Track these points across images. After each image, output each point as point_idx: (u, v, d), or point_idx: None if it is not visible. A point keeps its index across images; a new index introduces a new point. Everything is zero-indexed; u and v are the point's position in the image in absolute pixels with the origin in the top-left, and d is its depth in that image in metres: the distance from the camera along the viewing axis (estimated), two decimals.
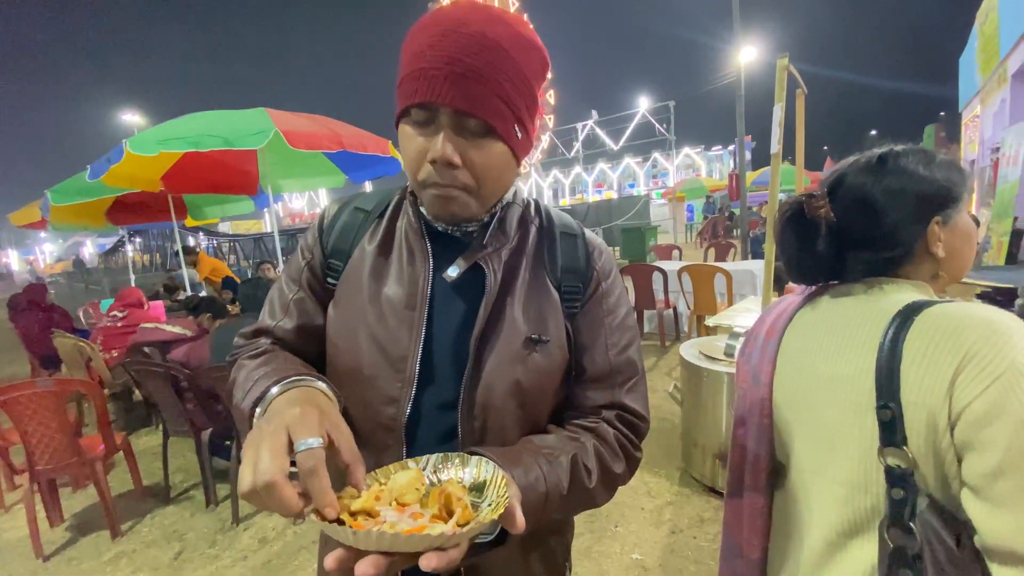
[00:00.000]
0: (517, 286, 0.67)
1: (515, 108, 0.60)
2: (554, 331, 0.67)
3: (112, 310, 4.15)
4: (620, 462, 0.68)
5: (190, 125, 3.32)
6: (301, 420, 0.48)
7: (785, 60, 2.48)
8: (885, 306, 0.65)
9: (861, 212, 0.70)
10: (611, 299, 0.72)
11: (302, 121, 3.52)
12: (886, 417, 0.59)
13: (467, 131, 0.58)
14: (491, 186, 0.62)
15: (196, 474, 3.10)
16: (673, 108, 31.59)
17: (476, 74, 0.56)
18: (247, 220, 27.65)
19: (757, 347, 0.82)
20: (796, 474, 0.74)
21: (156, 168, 4.14)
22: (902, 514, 0.58)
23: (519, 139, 0.63)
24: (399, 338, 0.65)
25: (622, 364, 0.70)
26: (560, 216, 0.76)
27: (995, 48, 7.67)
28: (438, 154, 0.57)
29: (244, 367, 0.66)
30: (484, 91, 0.57)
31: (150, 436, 3.90)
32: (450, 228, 0.68)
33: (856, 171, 0.73)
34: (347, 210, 0.75)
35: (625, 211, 15.78)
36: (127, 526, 2.67)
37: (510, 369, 0.64)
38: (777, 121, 2.49)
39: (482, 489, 0.51)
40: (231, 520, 2.61)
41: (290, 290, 0.74)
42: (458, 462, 0.55)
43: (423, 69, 0.56)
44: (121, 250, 17.08)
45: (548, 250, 0.72)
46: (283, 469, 0.44)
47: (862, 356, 0.63)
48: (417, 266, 0.67)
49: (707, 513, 2.37)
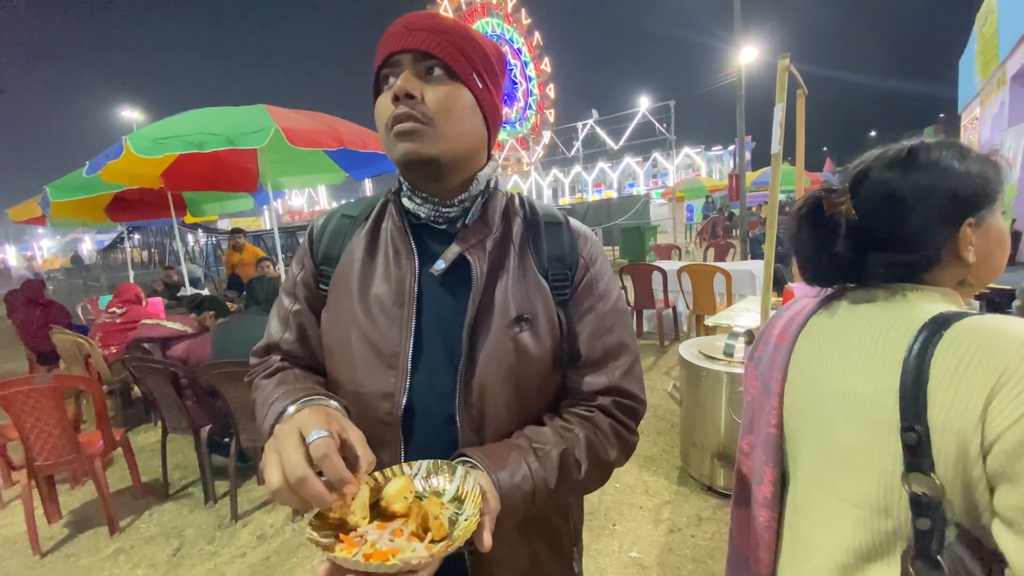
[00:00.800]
0: (504, 275, 0.69)
1: (470, 59, 0.64)
2: (542, 313, 0.69)
3: (110, 306, 4.14)
4: (614, 449, 0.70)
5: (190, 123, 3.31)
6: (310, 418, 0.53)
7: (786, 60, 2.48)
8: (910, 317, 0.59)
9: (886, 211, 0.63)
10: (601, 284, 0.73)
11: (302, 118, 3.51)
12: (911, 440, 0.53)
13: (428, 75, 0.63)
14: (452, 125, 0.63)
15: (195, 471, 3.10)
16: (673, 108, 31.58)
17: (432, 27, 0.63)
18: (246, 217, 27.62)
19: (767, 352, 0.78)
20: (805, 490, 0.70)
21: (155, 165, 4.13)
22: (928, 546, 0.54)
23: (480, 89, 0.66)
24: (389, 335, 0.66)
25: (616, 347, 0.72)
26: (544, 207, 0.78)
27: (994, 50, 7.69)
28: (398, 87, 0.61)
29: (261, 388, 0.71)
30: (439, 38, 0.62)
31: (148, 433, 3.89)
32: (433, 217, 0.69)
33: (882, 165, 0.65)
34: (334, 218, 0.78)
35: (625, 210, 15.78)
36: (125, 522, 2.67)
37: (503, 353, 0.66)
38: (778, 121, 2.49)
39: (463, 501, 0.54)
40: (230, 517, 2.61)
41: (289, 304, 0.78)
42: (447, 471, 0.58)
43: (387, 36, 0.64)
44: (120, 246, 17.04)
45: (533, 239, 0.73)
46: (308, 463, 0.48)
47: (884, 372, 0.57)
48: (403, 264, 0.68)
49: (705, 512, 2.38)
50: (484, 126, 0.68)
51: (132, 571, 2.29)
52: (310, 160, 4.73)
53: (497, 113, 0.70)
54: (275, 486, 0.48)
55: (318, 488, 0.48)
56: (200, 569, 2.26)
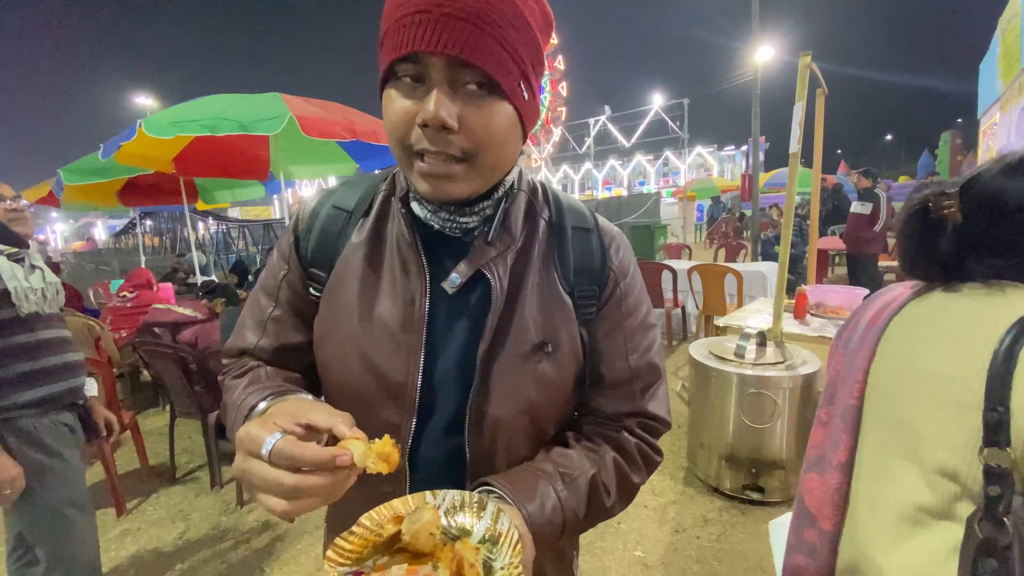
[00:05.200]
0: (525, 294, 0.61)
1: (519, 60, 0.50)
2: (566, 340, 0.62)
3: (122, 290, 4.18)
4: (640, 472, 0.66)
5: (205, 108, 3.32)
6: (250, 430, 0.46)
7: (808, 58, 2.44)
8: (1003, 312, 0.64)
9: (991, 214, 0.68)
10: (630, 299, 0.66)
11: (316, 108, 3.51)
12: (993, 419, 0.60)
13: (464, 87, 0.49)
14: (493, 157, 0.53)
15: (201, 456, 3.13)
16: (687, 106, 31.28)
17: (473, 15, 0.46)
18: (256, 206, 27.74)
19: (858, 333, 0.83)
20: (876, 455, 0.77)
21: (168, 149, 4.15)
22: (996, 509, 0.61)
23: (525, 101, 0.53)
24: (396, 364, 0.59)
25: (643, 369, 0.66)
26: (571, 205, 0.68)
27: (1017, 55, 7.50)
28: (429, 115, 0.47)
29: (231, 389, 0.63)
30: (483, 36, 0.47)
31: (157, 417, 3.93)
32: (447, 227, 0.59)
33: (994, 172, 0.69)
34: (324, 210, 0.66)
35: (635, 209, 15.67)
36: (132, 504, 2.70)
37: (521, 384, 0.59)
38: (797, 120, 2.45)
39: (496, 542, 0.49)
40: (235, 502, 2.63)
41: (267, 305, 0.67)
42: (476, 506, 0.52)
43: (409, 15, 0.47)
44: (132, 232, 17.21)
45: (559, 250, 0.64)
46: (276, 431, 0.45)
47: (974, 358, 0.63)
48: (412, 282, 0.60)
49: (711, 513, 2.36)
50: (522, 136, 0.57)
51: (139, 552, 2.31)
52: (322, 150, 4.74)
53: (536, 115, 0.57)
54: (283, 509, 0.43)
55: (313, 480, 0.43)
56: (206, 551, 2.28)
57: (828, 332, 2.57)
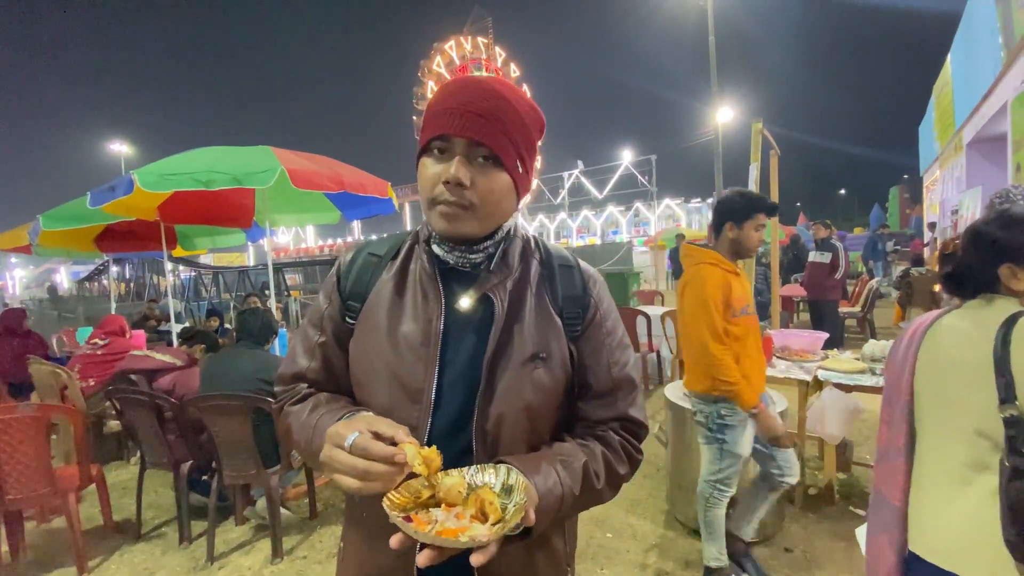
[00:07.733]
0: (522, 313, 0.76)
1: (516, 146, 0.72)
2: (556, 351, 0.76)
3: (93, 338, 4.07)
4: (624, 464, 0.79)
5: (197, 161, 3.38)
6: (336, 430, 0.63)
7: (759, 124, 2.72)
8: (999, 313, 0.97)
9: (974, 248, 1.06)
10: (608, 322, 0.82)
11: (305, 161, 3.63)
12: (1002, 384, 0.90)
13: (477, 160, 0.69)
14: (491, 209, 0.71)
15: (168, 511, 3.00)
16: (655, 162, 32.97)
17: (487, 114, 0.68)
18: (230, 252, 27.34)
19: (903, 346, 1.13)
20: (928, 434, 1.05)
21: (154, 198, 4.18)
22: (1016, 445, 0.88)
23: (520, 174, 0.74)
24: (415, 372, 0.73)
25: (623, 380, 0.81)
26: (557, 250, 0.86)
27: (951, 119, 8.35)
28: (451, 175, 0.67)
29: (294, 414, 0.78)
30: (493, 127, 0.68)
31: (120, 470, 3.76)
32: (460, 263, 0.76)
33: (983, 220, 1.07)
34: (361, 256, 0.84)
35: (608, 257, 16.16)
36: (95, 562, 2.55)
37: (520, 386, 0.73)
38: (753, 179, 2.69)
39: (510, 492, 0.62)
40: (205, 559, 2.52)
41: (315, 336, 0.83)
42: (492, 471, 0.66)
43: (444, 110, 0.69)
44: (98, 278, 16.69)
45: (549, 281, 0.81)
46: None
47: (984, 344, 0.94)
48: (431, 306, 0.75)
49: (692, 556, 2.38)
50: (516, 199, 0.76)
51: None
52: (307, 200, 4.83)
53: (528, 185, 0.78)
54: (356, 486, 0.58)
55: (379, 468, 0.58)
56: None
57: (794, 374, 2.71)
